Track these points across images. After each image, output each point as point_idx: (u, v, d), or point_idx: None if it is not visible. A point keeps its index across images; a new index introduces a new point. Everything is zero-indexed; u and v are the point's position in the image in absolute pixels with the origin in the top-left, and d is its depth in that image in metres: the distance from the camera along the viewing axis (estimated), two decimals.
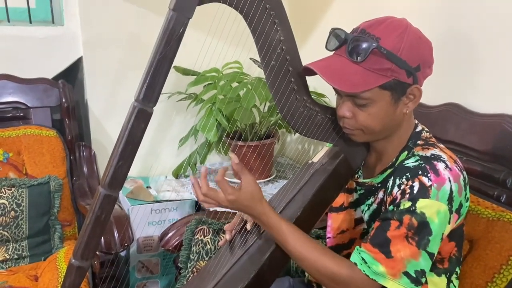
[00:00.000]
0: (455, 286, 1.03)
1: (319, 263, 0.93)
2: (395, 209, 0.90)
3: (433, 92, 1.24)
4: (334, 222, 1.18)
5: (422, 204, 0.87)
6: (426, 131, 1.00)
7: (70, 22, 1.85)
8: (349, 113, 0.94)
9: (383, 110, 0.91)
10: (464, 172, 0.95)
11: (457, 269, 1.03)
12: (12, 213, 1.60)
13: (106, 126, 1.99)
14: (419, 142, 0.98)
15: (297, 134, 2.31)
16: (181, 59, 1.72)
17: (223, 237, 1.15)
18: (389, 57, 0.86)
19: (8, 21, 1.86)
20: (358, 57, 0.87)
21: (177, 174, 2.05)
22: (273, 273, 1.00)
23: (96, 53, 1.90)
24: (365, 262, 0.90)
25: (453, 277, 1.02)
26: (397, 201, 0.90)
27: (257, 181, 1.02)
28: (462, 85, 1.36)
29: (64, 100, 1.83)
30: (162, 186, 1.98)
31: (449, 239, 0.97)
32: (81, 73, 1.95)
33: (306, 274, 1.25)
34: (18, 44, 1.81)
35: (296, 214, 1.01)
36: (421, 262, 0.88)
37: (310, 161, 1.11)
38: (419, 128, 1.00)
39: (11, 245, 1.61)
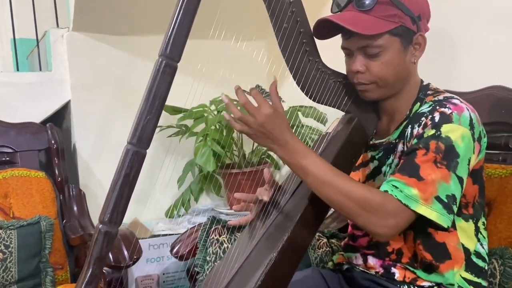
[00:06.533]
0: (484, 237, 1.02)
1: (348, 187, 0.90)
2: (419, 140, 0.91)
3: None
4: None
5: (446, 129, 0.89)
6: (433, 85, 1.06)
7: (58, 67, 1.88)
8: (362, 67, 0.98)
9: (395, 58, 0.96)
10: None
11: (483, 219, 1.03)
12: (0, 255, 1.47)
13: (95, 170, 1.95)
14: (429, 92, 1.02)
15: (285, 170, 2.33)
16: (169, 100, 1.79)
17: (237, 237, 1.11)
18: (395, 3, 0.93)
19: None
20: (367, 6, 0.93)
21: (170, 215, 1.99)
22: (305, 238, 0.96)
23: (84, 96, 1.92)
24: (397, 188, 0.89)
25: (480, 225, 1.01)
26: (420, 134, 0.92)
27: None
28: (443, 74, 1.46)
29: (53, 142, 1.79)
30: (156, 226, 1.90)
31: (472, 181, 0.98)
32: (68, 117, 1.94)
33: (331, 261, 1.20)
34: (5, 90, 1.81)
35: None
36: (452, 186, 0.88)
37: (324, 132, 1.12)
38: (425, 82, 1.05)
39: None
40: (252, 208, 1.09)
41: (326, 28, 0.98)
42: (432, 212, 0.87)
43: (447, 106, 0.92)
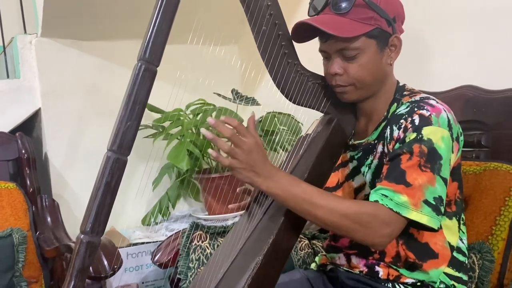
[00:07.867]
0: (463, 232, 1.05)
1: (340, 206, 0.90)
2: (401, 145, 0.93)
3: None
4: None
5: (427, 131, 0.91)
6: (408, 85, 1.08)
7: (27, 74, 1.83)
8: (340, 70, 0.99)
9: (372, 59, 0.98)
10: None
11: (463, 215, 1.05)
12: None
13: (68, 179, 1.90)
14: (405, 93, 1.04)
15: None
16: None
17: (221, 242, 1.10)
18: (371, 6, 0.95)
19: None
20: (344, 9, 0.95)
21: (147, 222, 1.96)
22: (290, 240, 0.96)
23: (55, 104, 1.87)
24: (386, 196, 0.90)
25: (460, 221, 1.04)
26: (401, 138, 0.94)
27: (238, 212, 1.00)
28: (416, 74, 1.50)
29: (23, 152, 1.74)
30: (133, 235, 1.87)
31: (452, 178, 1.00)
32: (38, 125, 1.89)
33: (314, 263, 1.20)
34: None
35: (303, 177, 1.00)
36: (438, 188, 0.90)
37: (304, 134, 1.13)
38: (401, 83, 1.07)
39: None
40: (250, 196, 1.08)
41: (304, 31, 0.99)
42: (423, 216, 0.89)
43: (425, 108, 0.94)
